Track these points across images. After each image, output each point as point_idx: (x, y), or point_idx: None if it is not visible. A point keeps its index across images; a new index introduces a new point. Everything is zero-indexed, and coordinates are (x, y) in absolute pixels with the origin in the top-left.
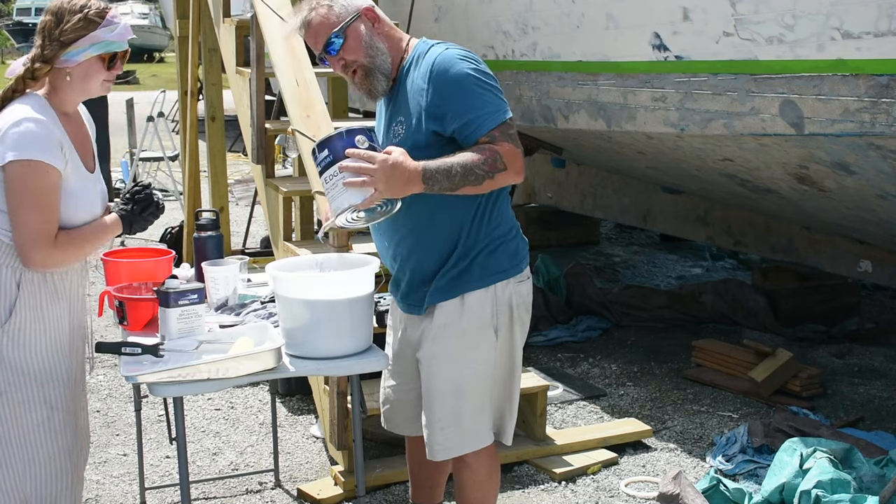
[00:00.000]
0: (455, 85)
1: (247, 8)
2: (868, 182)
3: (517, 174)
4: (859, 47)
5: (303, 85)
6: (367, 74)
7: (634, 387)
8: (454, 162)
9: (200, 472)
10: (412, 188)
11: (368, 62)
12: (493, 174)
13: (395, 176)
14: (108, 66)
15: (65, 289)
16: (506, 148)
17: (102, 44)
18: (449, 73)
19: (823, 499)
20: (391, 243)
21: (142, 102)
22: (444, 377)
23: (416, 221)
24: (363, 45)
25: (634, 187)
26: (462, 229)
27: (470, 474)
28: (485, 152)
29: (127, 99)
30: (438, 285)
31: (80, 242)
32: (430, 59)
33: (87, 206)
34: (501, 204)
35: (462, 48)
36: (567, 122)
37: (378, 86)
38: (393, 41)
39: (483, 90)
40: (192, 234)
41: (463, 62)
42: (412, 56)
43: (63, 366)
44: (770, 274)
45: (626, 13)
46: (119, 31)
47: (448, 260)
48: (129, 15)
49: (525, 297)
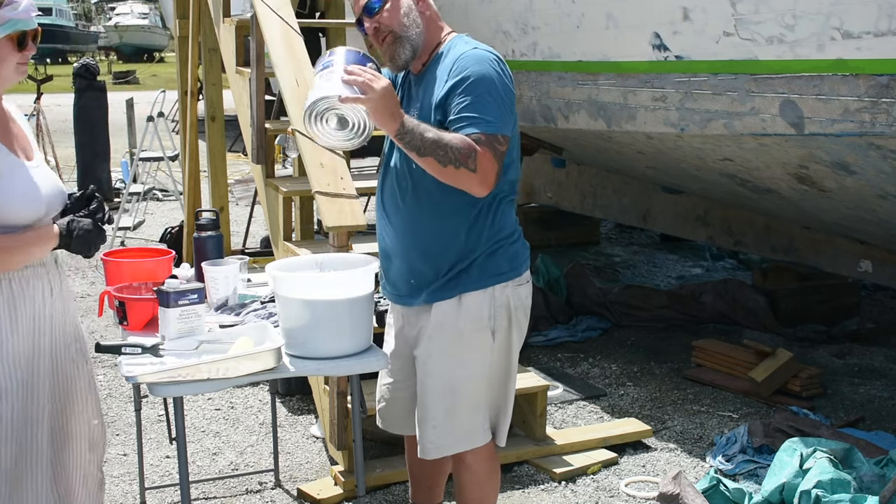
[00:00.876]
0: (468, 82)
1: (247, 8)
2: (868, 182)
3: (481, 185)
4: (859, 47)
5: (303, 85)
6: (396, 41)
7: (634, 387)
8: (434, 130)
9: (200, 472)
10: (392, 123)
11: (401, 32)
12: (461, 166)
13: (386, 102)
14: (18, 47)
15: (24, 298)
16: (485, 155)
17: (9, 23)
18: (468, 69)
19: (823, 499)
20: (392, 240)
21: (142, 102)
22: (439, 376)
23: (419, 220)
24: (401, 14)
25: (634, 187)
26: (463, 231)
27: (469, 474)
28: (465, 144)
29: (127, 99)
30: (437, 285)
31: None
32: (458, 52)
33: (22, 191)
34: (505, 208)
35: (497, 56)
36: (567, 122)
37: (403, 54)
38: (432, 26)
39: (491, 98)
40: (192, 234)
41: (487, 66)
42: (447, 47)
43: (14, 379)
44: (770, 274)
45: (626, 13)
46: (24, 8)
47: (448, 261)
48: (129, 15)
49: (524, 301)
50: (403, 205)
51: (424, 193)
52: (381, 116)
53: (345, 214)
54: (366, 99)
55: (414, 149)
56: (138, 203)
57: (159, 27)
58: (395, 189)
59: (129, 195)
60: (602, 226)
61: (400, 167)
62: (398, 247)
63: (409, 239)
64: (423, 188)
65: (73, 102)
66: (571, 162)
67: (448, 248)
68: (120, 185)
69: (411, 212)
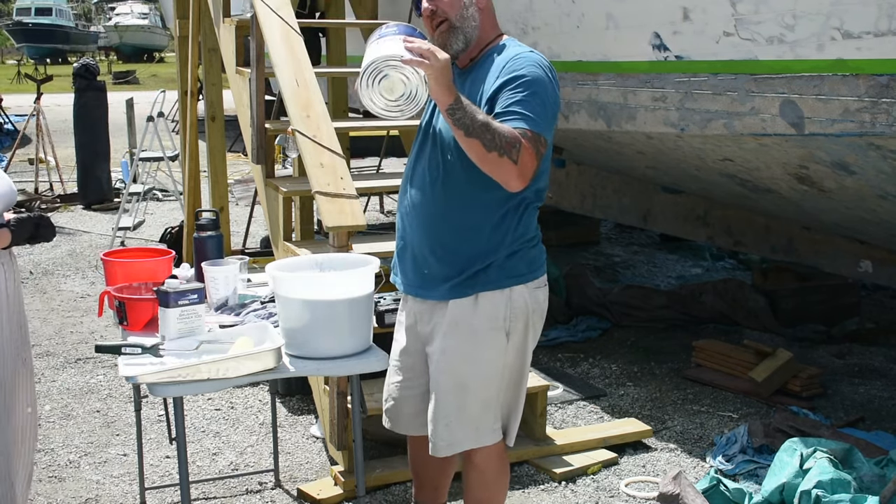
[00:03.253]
0: (523, 80)
1: (247, 8)
2: (868, 182)
3: (519, 178)
4: (859, 47)
5: (303, 85)
6: (450, 30)
7: (634, 387)
8: (484, 114)
9: (200, 472)
10: (448, 95)
11: (458, 22)
12: (504, 154)
13: (446, 72)
14: None
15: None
16: (528, 151)
17: None
18: (524, 69)
19: (823, 499)
20: (413, 227)
21: (142, 102)
22: (452, 373)
23: (444, 211)
24: (462, 4)
25: (634, 187)
26: (486, 230)
27: (477, 474)
28: (512, 134)
29: (127, 99)
30: (455, 282)
31: None
32: (514, 52)
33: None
34: (530, 213)
35: (551, 65)
36: (567, 122)
37: (455, 44)
38: (488, 22)
39: (541, 101)
40: (192, 234)
41: (542, 71)
42: (498, 47)
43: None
44: (770, 274)
45: (626, 13)
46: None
47: (464, 257)
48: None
49: (541, 304)
50: (431, 193)
51: (454, 186)
52: (440, 86)
53: (345, 214)
54: (429, 64)
55: (463, 127)
56: (138, 203)
57: (159, 27)
58: (425, 176)
59: (129, 195)
60: (602, 226)
61: (434, 155)
62: (417, 234)
63: (430, 228)
64: (454, 180)
65: (73, 102)
66: (571, 162)
67: (467, 244)
68: (120, 185)
69: (437, 202)
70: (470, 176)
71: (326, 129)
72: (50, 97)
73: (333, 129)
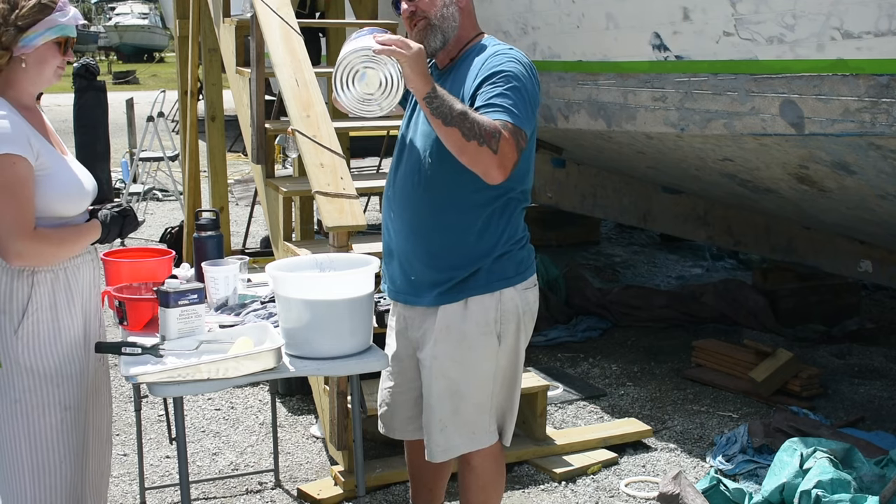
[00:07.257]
0: (503, 75)
1: (247, 8)
2: (868, 182)
3: (499, 168)
4: (859, 47)
5: (303, 85)
6: (428, 28)
7: (634, 387)
8: (462, 104)
9: (200, 472)
10: (424, 84)
11: (437, 21)
12: (484, 143)
13: (420, 60)
14: (61, 51)
15: (77, 285)
16: (509, 141)
17: (58, 28)
18: (504, 65)
19: (823, 499)
20: (398, 234)
21: (142, 102)
22: (445, 378)
23: (429, 215)
24: (441, 4)
25: (634, 187)
26: (472, 232)
27: (474, 477)
28: (492, 124)
29: (127, 99)
30: (444, 288)
31: (57, 240)
32: (495, 50)
33: (72, 183)
34: (517, 214)
35: (531, 63)
36: (567, 122)
37: (433, 42)
38: (468, 22)
39: (520, 95)
40: (192, 234)
41: (522, 68)
42: (478, 46)
43: (76, 363)
44: (770, 274)
45: (626, 13)
46: (72, 15)
47: (453, 261)
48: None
49: (531, 305)
50: (414, 198)
51: (437, 189)
52: (415, 74)
53: (345, 214)
54: (401, 52)
55: (441, 116)
56: (138, 203)
57: (159, 27)
58: (407, 181)
59: (129, 195)
60: (602, 226)
61: (416, 159)
62: (403, 241)
63: (415, 234)
64: (436, 184)
65: (73, 102)
66: (571, 162)
67: (453, 248)
68: (120, 185)
69: (421, 206)
70: (452, 179)
71: (326, 129)
72: (50, 97)
73: (333, 129)
